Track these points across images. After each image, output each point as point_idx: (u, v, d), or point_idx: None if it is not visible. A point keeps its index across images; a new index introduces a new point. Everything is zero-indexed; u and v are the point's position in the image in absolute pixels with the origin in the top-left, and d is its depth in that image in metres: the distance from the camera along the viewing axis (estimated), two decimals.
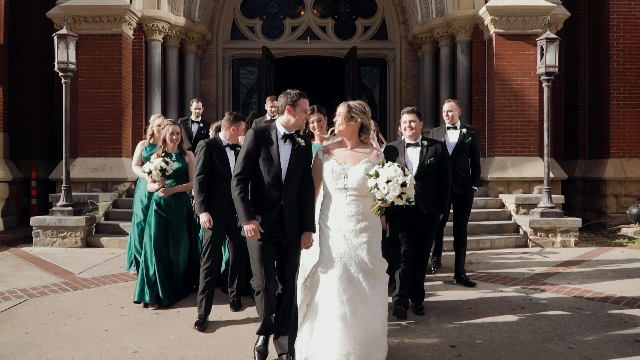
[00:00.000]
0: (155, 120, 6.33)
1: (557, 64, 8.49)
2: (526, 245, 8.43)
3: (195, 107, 8.54)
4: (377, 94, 12.69)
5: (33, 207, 10.49)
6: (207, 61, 12.11)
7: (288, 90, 3.64)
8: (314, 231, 3.68)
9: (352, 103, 3.74)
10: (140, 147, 6.31)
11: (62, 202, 8.35)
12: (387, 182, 3.41)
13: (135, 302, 5.12)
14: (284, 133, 3.60)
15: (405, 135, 4.79)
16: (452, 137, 6.11)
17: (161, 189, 5.25)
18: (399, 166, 3.51)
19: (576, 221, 8.48)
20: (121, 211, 8.97)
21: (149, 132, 6.28)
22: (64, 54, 8.17)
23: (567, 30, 11.12)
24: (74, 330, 4.39)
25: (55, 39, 8.20)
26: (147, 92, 10.45)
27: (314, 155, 3.82)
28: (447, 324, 4.59)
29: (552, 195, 8.67)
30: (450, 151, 5.91)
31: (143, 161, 6.01)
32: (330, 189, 3.68)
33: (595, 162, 11.02)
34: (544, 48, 8.44)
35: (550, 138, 8.73)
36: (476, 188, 6.21)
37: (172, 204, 5.31)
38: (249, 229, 3.50)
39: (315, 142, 4.52)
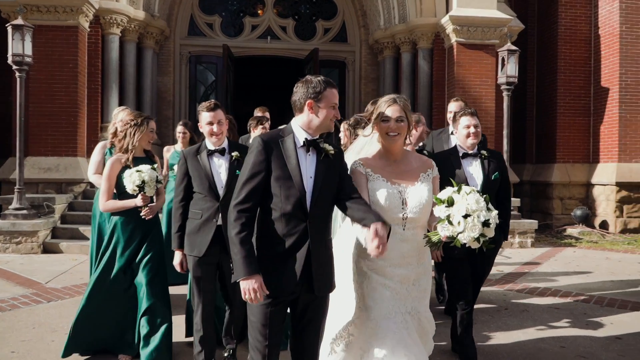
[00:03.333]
0: (120, 114, 4.92)
1: (517, 74, 8.97)
2: None
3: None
4: None
5: None
6: (164, 57, 11.70)
7: (309, 78, 2.59)
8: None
9: (401, 97, 2.81)
10: (100, 149, 4.99)
11: (15, 204, 7.80)
12: (465, 216, 2.49)
13: None
14: (306, 139, 2.54)
15: (467, 143, 3.76)
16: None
17: (146, 209, 3.75)
18: (479, 194, 2.60)
19: (533, 223, 9.00)
20: (79, 214, 8.51)
21: (110, 129, 4.86)
22: (19, 46, 7.64)
23: (518, 42, 11.72)
24: None
25: (9, 29, 7.65)
26: (104, 88, 9.95)
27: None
28: (444, 327, 4.69)
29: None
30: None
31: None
32: None
33: (542, 167, 11.72)
34: (505, 59, 8.89)
35: (510, 144, 9.21)
36: None
37: (143, 228, 3.85)
38: (249, 288, 2.39)
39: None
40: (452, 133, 5.14)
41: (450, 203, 2.55)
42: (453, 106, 5.22)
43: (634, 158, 10.49)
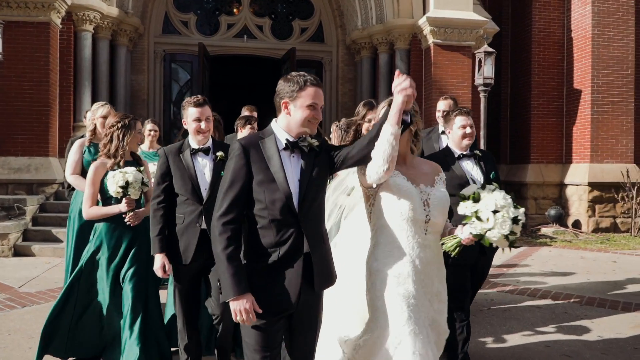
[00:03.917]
0: (99, 109, 4.62)
1: (493, 75, 9.09)
2: None
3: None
4: None
5: None
6: (138, 55, 11.45)
7: (290, 75, 2.36)
8: None
9: None
10: (78, 148, 4.61)
11: None
12: (495, 212, 2.38)
13: None
14: (287, 140, 2.33)
15: (462, 144, 3.60)
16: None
17: (130, 214, 3.50)
18: (505, 192, 2.51)
19: None
20: (52, 216, 8.26)
21: (89, 126, 4.65)
22: None
23: (493, 44, 11.89)
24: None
25: None
26: (76, 87, 9.69)
27: None
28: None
29: None
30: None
31: (84, 167, 4.46)
32: (400, 221, 2.49)
33: (517, 167, 11.92)
34: (482, 60, 9.00)
35: (485, 145, 9.33)
36: None
37: (130, 235, 3.60)
38: (240, 308, 2.21)
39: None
40: (442, 132, 4.87)
41: (477, 199, 2.43)
42: (442, 104, 5.06)
43: (606, 159, 10.77)
